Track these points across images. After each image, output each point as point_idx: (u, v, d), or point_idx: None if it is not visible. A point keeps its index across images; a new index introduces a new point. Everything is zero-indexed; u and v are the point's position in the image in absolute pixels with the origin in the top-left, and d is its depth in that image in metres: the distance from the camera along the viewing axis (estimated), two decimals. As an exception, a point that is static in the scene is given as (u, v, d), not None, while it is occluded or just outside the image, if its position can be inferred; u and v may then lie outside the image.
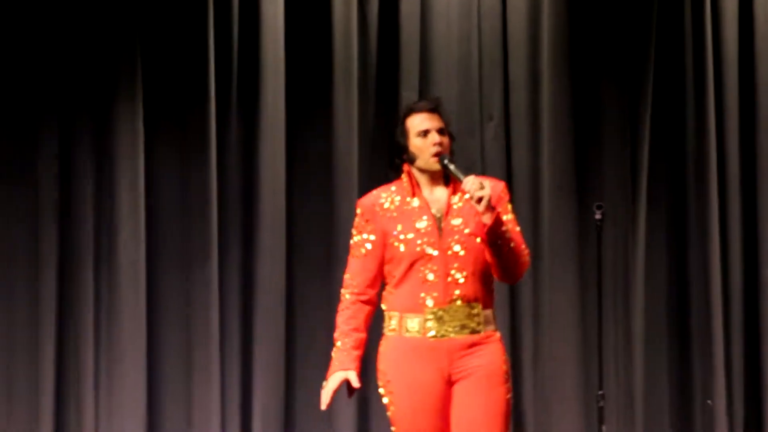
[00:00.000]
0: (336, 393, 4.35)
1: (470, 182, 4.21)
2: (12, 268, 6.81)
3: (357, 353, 4.36)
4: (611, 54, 7.21)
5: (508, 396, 4.32)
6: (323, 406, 4.35)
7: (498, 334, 4.39)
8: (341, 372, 4.33)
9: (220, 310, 6.86)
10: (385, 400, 4.35)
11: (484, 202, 4.17)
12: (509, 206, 4.42)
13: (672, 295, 7.23)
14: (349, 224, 4.46)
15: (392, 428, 4.33)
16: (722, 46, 7.22)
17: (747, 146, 7.24)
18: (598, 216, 6.61)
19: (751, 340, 7.19)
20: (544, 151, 7.13)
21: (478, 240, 4.29)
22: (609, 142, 7.22)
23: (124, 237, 6.81)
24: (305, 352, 6.90)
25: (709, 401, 7.07)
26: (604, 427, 6.55)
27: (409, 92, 6.95)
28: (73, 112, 6.87)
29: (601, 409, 6.56)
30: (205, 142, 6.87)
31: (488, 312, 4.36)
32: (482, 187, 4.18)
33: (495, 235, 4.23)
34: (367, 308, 4.40)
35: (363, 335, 4.38)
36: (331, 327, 4.46)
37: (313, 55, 7.05)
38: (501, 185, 4.43)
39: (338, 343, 4.38)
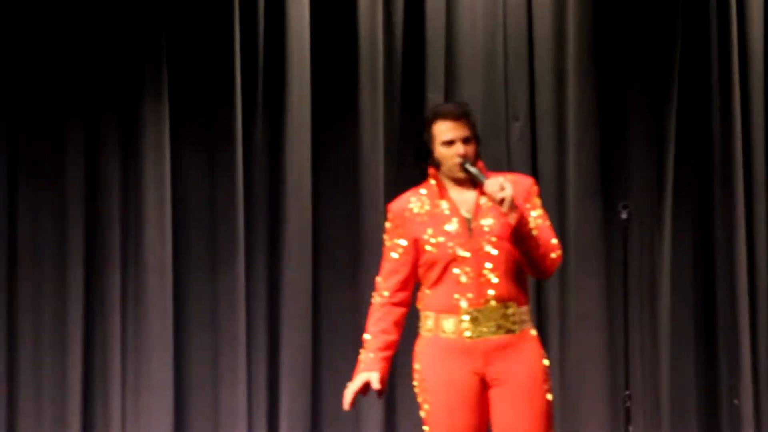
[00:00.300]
0: (363, 394, 4.35)
1: (491, 184, 4.21)
2: (39, 269, 6.84)
3: (383, 354, 4.35)
4: (637, 53, 7.19)
5: (549, 396, 4.31)
6: (345, 407, 4.35)
7: (534, 332, 4.38)
8: (365, 373, 4.34)
9: (246, 311, 6.87)
10: (419, 399, 4.35)
11: (506, 203, 4.17)
12: (538, 200, 4.41)
13: (698, 295, 7.20)
14: (375, 227, 4.47)
15: (424, 428, 4.33)
16: (748, 45, 7.18)
17: (773, 146, 7.22)
18: (624, 215, 6.59)
19: (778, 341, 7.17)
20: (570, 152, 7.12)
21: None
22: (635, 142, 7.19)
23: (150, 238, 6.83)
24: (331, 354, 6.88)
25: (736, 401, 7.04)
26: (630, 428, 6.54)
27: (435, 93, 6.94)
28: (99, 113, 6.89)
29: (627, 410, 6.54)
30: (231, 142, 6.88)
31: (523, 309, 4.35)
32: (503, 189, 4.17)
33: (521, 235, 4.23)
34: (398, 310, 4.39)
35: (392, 337, 4.38)
36: (357, 330, 4.47)
37: (339, 53, 7.04)
38: (529, 181, 4.43)
39: (365, 345, 4.38)
